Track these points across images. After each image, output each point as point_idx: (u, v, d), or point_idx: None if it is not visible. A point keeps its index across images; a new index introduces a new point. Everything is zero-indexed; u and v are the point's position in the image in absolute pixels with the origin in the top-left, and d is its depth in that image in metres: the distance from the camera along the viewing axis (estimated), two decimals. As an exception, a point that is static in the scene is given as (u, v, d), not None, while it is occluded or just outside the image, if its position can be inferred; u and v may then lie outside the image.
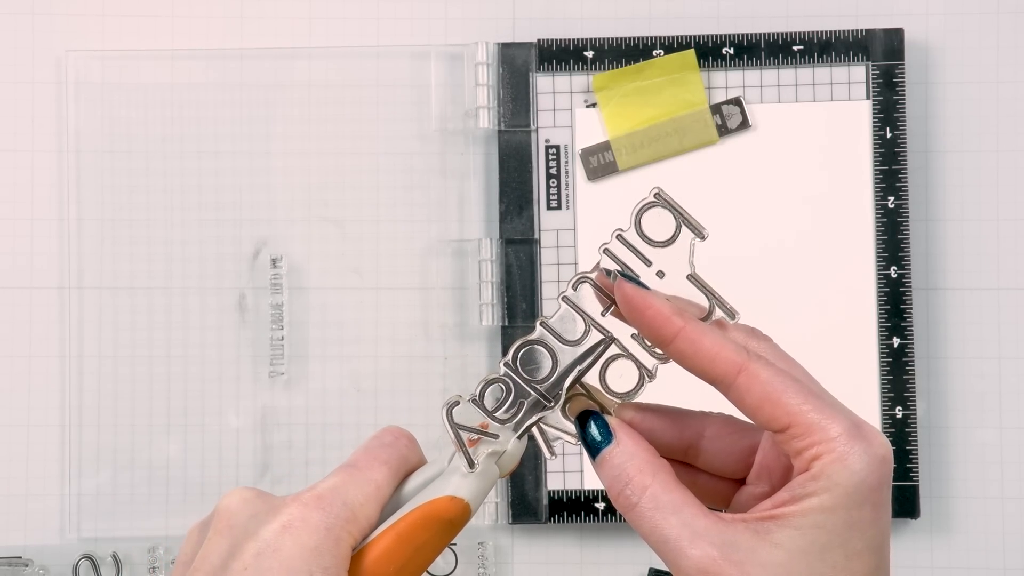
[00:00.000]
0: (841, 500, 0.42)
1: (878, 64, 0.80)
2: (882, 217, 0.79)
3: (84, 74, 0.81)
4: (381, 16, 0.82)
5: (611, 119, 0.80)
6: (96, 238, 0.81)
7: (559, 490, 0.79)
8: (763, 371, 0.44)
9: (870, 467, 0.43)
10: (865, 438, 0.43)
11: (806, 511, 0.43)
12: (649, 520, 0.43)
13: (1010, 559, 0.80)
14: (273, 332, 0.80)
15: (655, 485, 0.44)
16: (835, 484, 0.42)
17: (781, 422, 0.44)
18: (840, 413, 0.44)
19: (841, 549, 0.42)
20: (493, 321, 0.80)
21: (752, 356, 0.44)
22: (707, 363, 0.44)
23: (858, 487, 0.43)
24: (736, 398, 0.45)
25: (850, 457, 0.43)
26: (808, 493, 0.43)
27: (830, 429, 0.43)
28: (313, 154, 0.81)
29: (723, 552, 0.42)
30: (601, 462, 0.45)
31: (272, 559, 0.43)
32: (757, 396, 0.44)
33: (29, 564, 0.79)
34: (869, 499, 0.43)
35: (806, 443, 0.43)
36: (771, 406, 0.44)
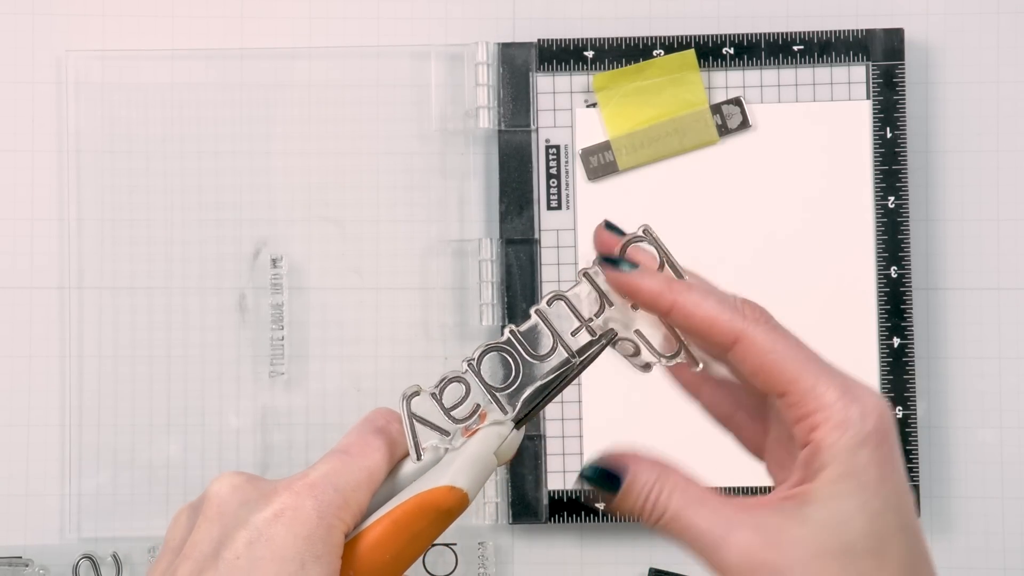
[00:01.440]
0: (846, 467, 0.43)
1: (878, 64, 0.80)
2: (882, 217, 0.79)
3: (84, 74, 0.81)
4: (381, 16, 0.82)
5: (611, 119, 0.80)
6: (96, 238, 0.81)
7: (559, 490, 0.79)
8: (759, 337, 0.45)
9: (867, 428, 0.43)
10: (859, 399, 0.44)
11: (819, 486, 0.43)
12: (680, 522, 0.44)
13: (1010, 559, 0.80)
14: (273, 332, 0.80)
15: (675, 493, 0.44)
16: (837, 452, 0.43)
17: (778, 388, 0.44)
18: (833, 378, 0.44)
19: (861, 513, 0.43)
20: (493, 321, 0.80)
21: (749, 322, 0.45)
22: (706, 333, 0.45)
23: (859, 449, 0.43)
24: (735, 365, 0.46)
25: (847, 423, 0.43)
26: (816, 469, 0.43)
27: (825, 396, 0.44)
28: (313, 154, 0.81)
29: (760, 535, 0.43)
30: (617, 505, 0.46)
31: (264, 548, 0.43)
32: (754, 363, 0.45)
33: (29, 564, 0.79)
34: (873, 459, 0.43)
35: (802, 412, 0.44)
36: (767, 375, 0.44)
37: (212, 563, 0.43)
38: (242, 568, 0.43)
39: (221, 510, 0.44)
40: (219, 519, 0.44)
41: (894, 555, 0.43)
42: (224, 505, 0.45)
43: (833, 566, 0.43)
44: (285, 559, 0.43)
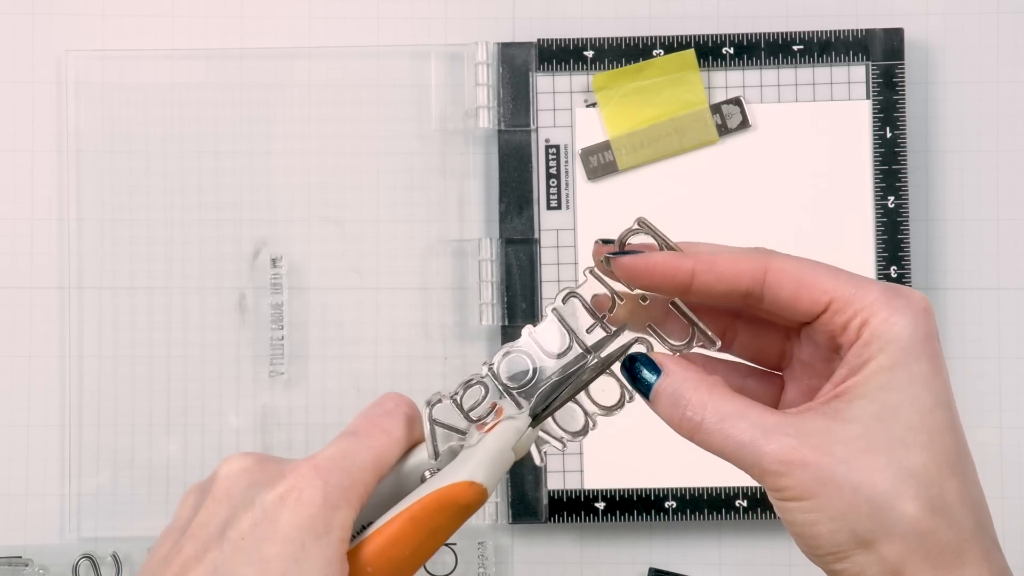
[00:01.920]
0: (898, 356, 0.43)
1: (878, 64, 0.80)
2: (882, 217, 0.79)
3: (84, 74, 0.81)
4: (381, 16, 0.82)
5: (611, 119, 0.80)
6: (96, 238, 0.81)
7: (559, 490, 0.79)
8: (787, 263, 0.44)
9: (915, 320, 0.43)
10: (903, 295, 0.44)
11: (868, 377, 0.43)
12: (719, 432, 0.43)
13: (1010, 559, 0.80)
14: (273, 332, 0.80)
15: (714, 399, 0.44)
16: (888, 343, 0.43)
17: (821, 302, 0.44)
18: (871, 281, 0.44)
19: (912, 407, 0.43)
20: (493, 321, 0.80)
21: (771, 253, 0.45)
22: (734, 280, 0.45)
23: (910, 340, 0.43)
24: (772, 299, 0.45)
25: (895, 315, 0.43)
26: (865, 360, 0.43)
27: (868, 295, 0.43)
28: (313, 154, 0.81)
29: (800, 439, 0.42)
30: (655, 397, 0.45)
31: (268, 529, 0.43)
32: (791, 287, 0.44)
33: (29, 564, 0.79)
34: (924, 351, 0.43)
35: (849, 314, 0.43)
36: (808, 291, 0.44)
37: (217, 542, 0.43)
38: (246, 548, 0.43)
39: (229, 491, 0.44)
40: (227, 500, 0.44)
41: (943, 452, 0.42)
42: (233, 486, 0.45)
43: (879, 461, 0.42)
44: (287, 539, 0.43)
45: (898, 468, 0.42)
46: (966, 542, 0.42)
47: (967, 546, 0.42)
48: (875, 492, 0.41)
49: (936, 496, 0.42)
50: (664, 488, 0.78)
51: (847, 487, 0.42)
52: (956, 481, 0.42)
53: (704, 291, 0.45)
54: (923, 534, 0.41)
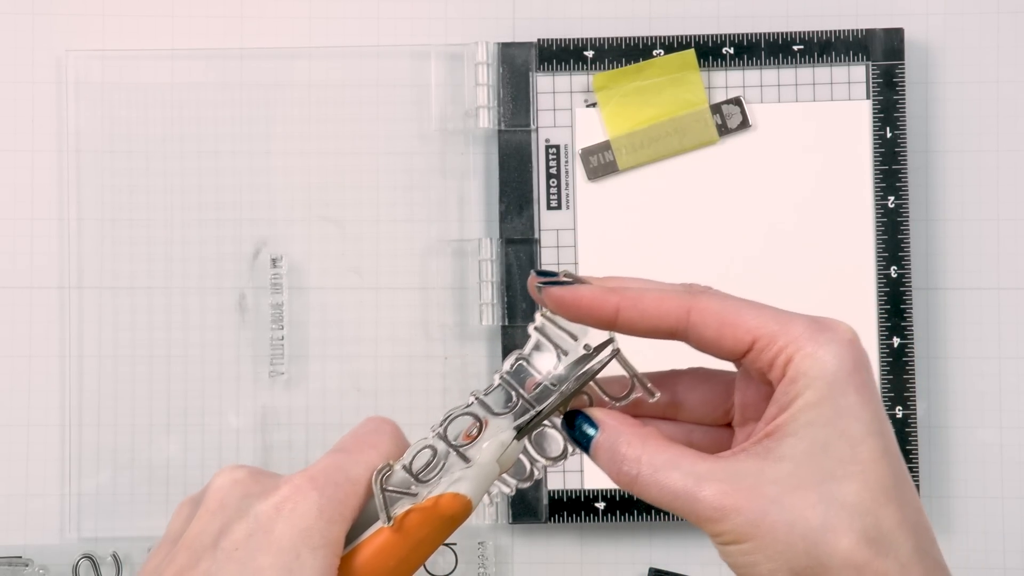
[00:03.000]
0: (824, 392, 0.43)
1: (878, 64, 0.80)
2: (882, 217, 0.79)
3: (84, 74, 0.81)
4: (381, 16, 0.82)
5: (611, 119, 0.80)
6: (96, 238, 0.81)
7: (559, 490, 0.79)
8: (712, 302, 0.45)
9: (840, 353, 0.43)
10: (828, 328, 0.44)
11: (795, 414, 0.43)
12: (654, 484, 0.44)
13: (1010, 559, 0.80)
14: (273, 332, 0.80)
15: (648, 451, 0.44)
16: (813, 378, 0.43)
17: (745, 341, 0.44)
18: (796, 315, 0.44)
19: (841, 440, 0.43)
20: (493, 321, 0.80)
21: (696, 293, 0.45)
22: (657, 319, 0.45)
23: (835, 374, 0.43)
24: (696, 338, 0.45)
25: (819, 349, 0.43)
26: (792, 397, 0.43)
27: (792, 330, 0.43)
28: (313, 154, 0.81)
29: (733, 484, 0.42)
30: (595, 453, 0.46)
31: (263, 539, 0.43)
32: (714, 325, 0.44)
33: (29, 564, 0.79)
34: (851, 383, 0.43)
35: (775, 351, 0.43)
36: (731, 328, 0.44)
37: (211, 552, 0.43)
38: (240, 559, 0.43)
39: (223, 503, 0.44)
40: (220, 511, 0.44)
41: (877, 480, 0.42)
42: (226, 498, 0.45)
43: (811, 497, 0.42)
44: (282, 550, 0.43)
45: (830, 501, 0.42)
46: (906, 569, 0.42)
47: (908, 572, 0.42)
48: (808, 528, 0.42)
49: (871, 526, 0.42)
50: (664, 488, 0.78)
51: (781, 526, 0.42)
52: (892, 508, 0.42)
53: (629, 327, 0.46)
54: (859, 566, 0.42)
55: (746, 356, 0.44)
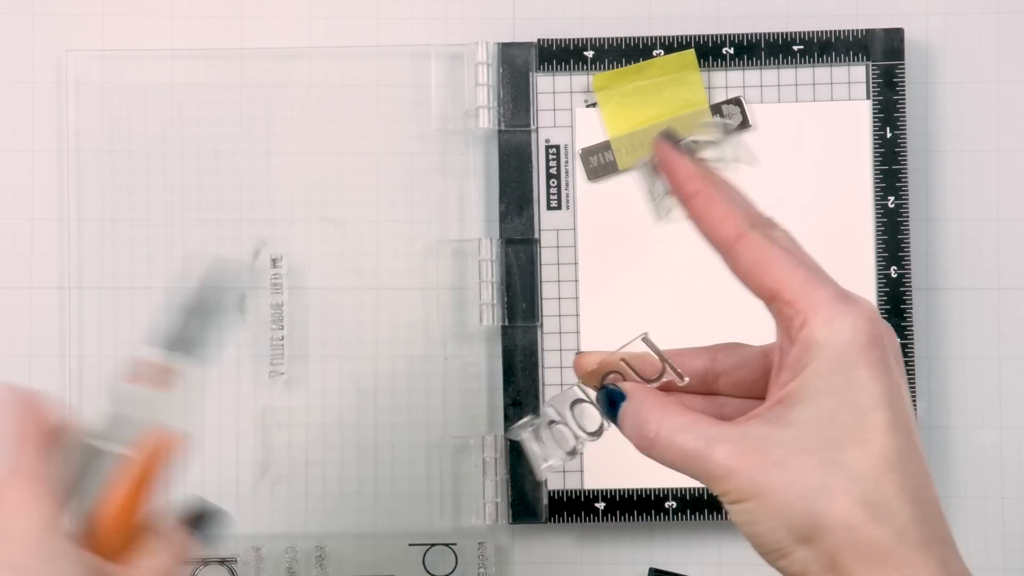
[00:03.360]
0: (834, 363, 0.44)
1: (878, 64, 0.80)
2: (882, 217, 0.79)
3: (84, 74, 0.81)
4: (381, 16, 0.82)
5: (611, 119, 0.80)
6: (96, 238, 0.80)
7: (559, 490, 0.79)
8: (760, 241, 0.47)
9: (855, 325, 0.44)
10: (851, 300, 0.45)
11: (806, 382, 0.44)
12: (670, 445, 0.46)
13: (1010, 559, 0.80)
14: (273, 332, 0.80)
15: (668, 416, 0.46)
16: (825, 347, 0.44)
17: (769, 288, 0.46)
18: (828, 282, 0.46)
19: (849, 410, 0.44)
20: (493, 321, 0.80)
21: (755, 227, 0.47)
22: (714, 224, 0.48)
23: (847, 346, 0.44)
24: (732, 264, 0.48)
25: (836, 319, 0.44)
26: (804, 364, 0.44)
27: (815, 295, 0.45)
28: (313, 154, 0.81)
29: (742, 445, 0.44)
30: (621, 420, 0.48)
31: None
32: (749, 262, 0.47)
33: (29, 564, 0.79)
34: (863, 356, 0.44)
35: (794, 311, 0.45)
36: (760, 272, 0.46)
37: None
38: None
39: None
40: None
41: (880, 449, 0.43)
42: None
43: (812, 460, 0.43)
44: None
45: (830, 465, 0.43)
46: (901, 536, 0.43)
47: (904, 540, 0.43)
48: (806, 488, 0.43)
49: (870, 491, 0.43)
50: (664, 488, 0.78)
51: (781, 486, 0.44)
52: (893, 476, 0.43)
53: (693, 216, 0.49)
54: (853, 528, 0.43)
55: (771, 304, 0.46)
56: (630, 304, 0.79)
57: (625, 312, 0.79)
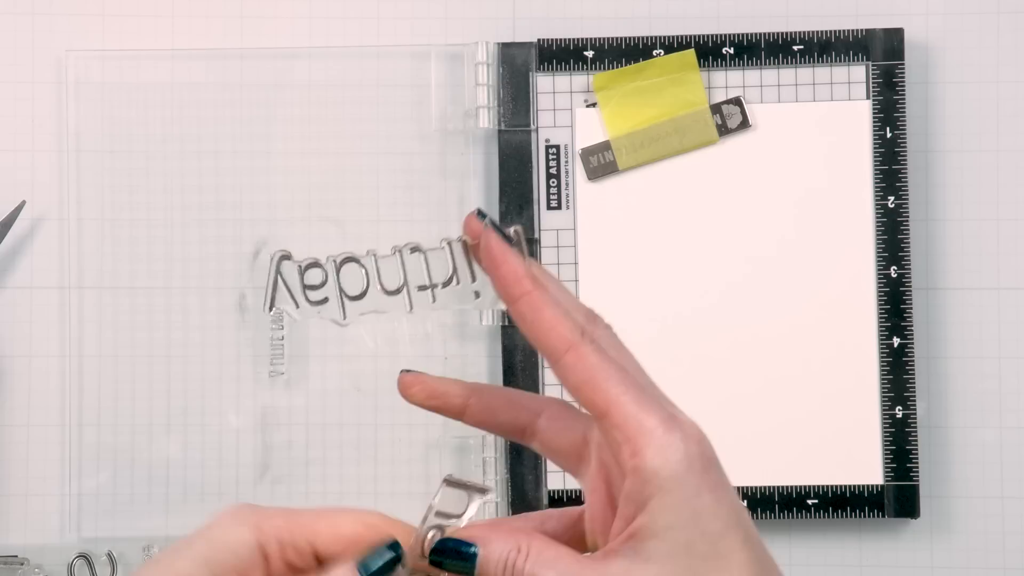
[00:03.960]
0: (677, 495, 0.43)
1: (878, 64, 0.80)
2: (882, 217, 0.79)
3: (84, 74, 0.81)
4: (381, 16, 0.82)
5: (611, 119, 0.80)
6: (96, 238, 0.81)
7: (559, 490, 0.79)
8: (592, 355, 0.45)
9: (690, 454, 0.44)
10: (679, 426, 0.44)
11: (654, 516, 0.44)
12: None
13: (1010, 559, 0.80)
14: (273, 332, 0.80)
15: (532, 552, 0.45)
16: (664, 479, 0.43)
17: (599, 407, 0.45)
18: (656, 404, 0.45)
19: (703, 538, 0.43)
20: (493, 321, 0.80)
21: (586, 338, 0.45)
22: (542, 333, 0.46)
23: (686, 476, 0.43)
24: (561, 375, 0.46)
25: (669, 449, 0.43)
26: (647, 497, 0.44)
27: (646, 421, 0.44)
28: (313, 154, 0.81)
29: None
30: (483, 568, 0.46)
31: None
32: (580, 377, 0.45)
33: (25, 563, 0.79)
34: (704, 483, 0.44)
35: (623, 436, 0.44)
36: (591, 390, 0.45)
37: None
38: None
39: None
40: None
41: (740, 567, 0.43)
42: None
43: None
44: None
45: None
46: None
47: None
48: None
49: None
50: (664, 488, 0.78)
51: None
52: None
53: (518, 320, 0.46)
54: None
55: (599, 421, 0.45)
56: (630, 304, 0.79)
57: (625, 312, 0.79)
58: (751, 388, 0.79)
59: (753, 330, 0.79)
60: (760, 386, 0.79)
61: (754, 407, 0.78)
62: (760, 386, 0.79)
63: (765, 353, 0.79)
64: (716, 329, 0.79)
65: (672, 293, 0.79)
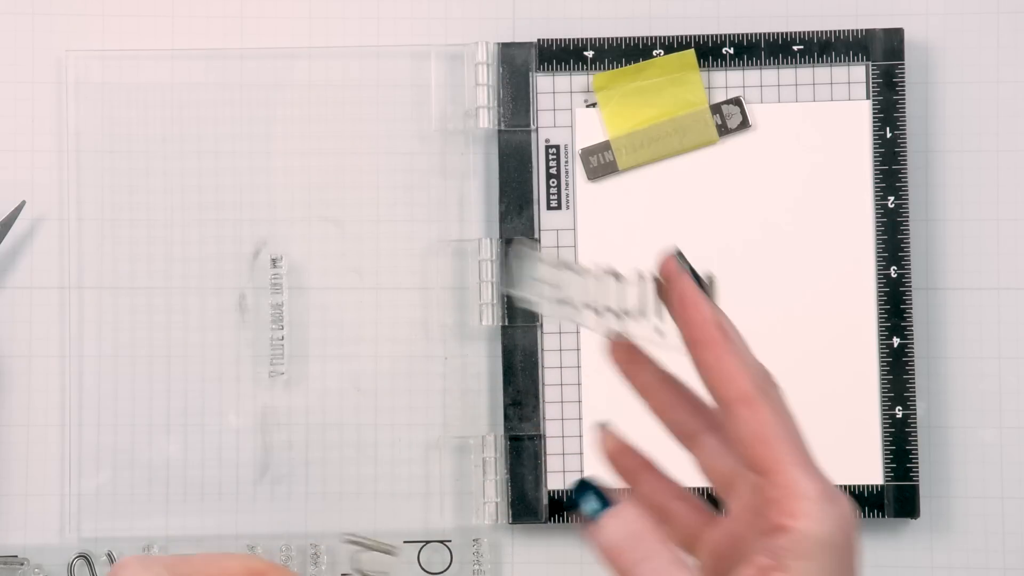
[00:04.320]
0: (821, 563, 0.44)
1: (878, 64, 0.80)
2: (882, 217, 0.79)
3: (84, 74, 0.81)
4: (381, 16, 0.82)
5: (611, 119, 0.80)
6: (96, 238, 0.81)
7: (559, 490, 0.79)
8: (766, 411, 0.46)
9: (841, 528, 0.45)
10: (838, 503, 0.45)
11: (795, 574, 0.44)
12: None
13: (1010, 559, 0.80)
14: (273, 332, 0.80)
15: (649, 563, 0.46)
16: (813, 546, 0.44)
17: (763, 464, 0.45)
18: (818, 473, 0.46)
19: None
20: (493, 321, 0.80)
21: (763, 393, 0.46)
22: (721, 381, 0.47)
23: (832, 549, 0.44)
24: (732, 425, 0.46)
25: (825, 520, 0.44)
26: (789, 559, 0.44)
27: (808, 488, 0.45)
28: (313, 154, 0.81)
29: None
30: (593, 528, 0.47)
31: None
32: (750, 430, 0.46)
33: (25, 563, 0.79)
34: (844, 559, 0.45)
35: (782, 495, 0.45)
36: (760, 445, 0.46)
37: None
38: None
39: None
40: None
41: None
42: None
43: None
44: None
45: None
46: None
47: None
48: None
49: None
50: (664, 488, 0.78)
51: None
52: None
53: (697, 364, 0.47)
54: None
55: (756, 477, 0.46)
56: (630, 304, 0.79)
57: (625, 312, 0.79)
58: (751, 388, 0.79)
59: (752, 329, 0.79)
60: (760, 386, 0.79)
61: (754, 407, 0.78)
62: (760, 386, 0.79)
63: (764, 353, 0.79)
64: (716, 329, 0.79)
65: (672, 293, 0.79)
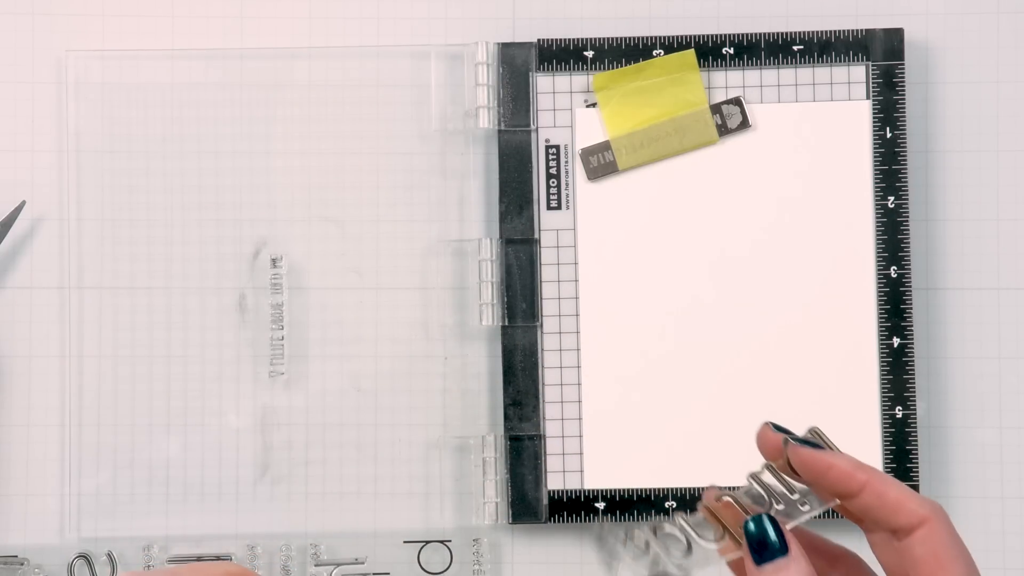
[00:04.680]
0: None
1: (878, 64, 0.80)
2: (882, 217, 0.79)
3: (84, 74, 0.81)
4: (381, 16, 0.82)
5: (611, 119, 0.80)
6: (96, 238, 0.81)
7: (559, 490, 0.79)
8: (944, 530, 0.47)
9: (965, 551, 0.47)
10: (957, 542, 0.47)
11: None
12: None
13: (1010, 559, 0.80)
14: (273, 332, 0.80)
15: None
16: None
17: None
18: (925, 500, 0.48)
19: None
20: (493, 321, 0.80)
21: (936, 510, 0.47)
22: (890, 514, 0.47)
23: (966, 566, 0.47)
24: (909, 545, 0.47)
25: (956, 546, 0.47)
26: None
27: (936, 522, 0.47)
28: (313, 154, 0.81)
29: None
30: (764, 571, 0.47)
31: None
32: (930, 550, 0.47)
33: (25, 563, 0.79)
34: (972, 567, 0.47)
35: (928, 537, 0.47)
36: (937, 566, 0.46)
37: None
38: None
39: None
40: None
41: None
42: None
43: None
44: None
45: None
46: None
47: None
48: None
49: None
50: (664, 488, 0.78)
51: None
52: None
53: (861, 509, 0.48)
54: None
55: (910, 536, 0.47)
56: (630, 304, 0.79)
57: (625, 312, 0.79)
58: (751, 387, 0.79)
59: (752, 330, 0.79)
60: (760, 385, 0.79)
61: (754, 406, 0.78)
62: (760, 385, 0.79)
63: (764, 353, 0.79)
64: (715, 329, 0.79)
65: (672, 293, 0.79)
